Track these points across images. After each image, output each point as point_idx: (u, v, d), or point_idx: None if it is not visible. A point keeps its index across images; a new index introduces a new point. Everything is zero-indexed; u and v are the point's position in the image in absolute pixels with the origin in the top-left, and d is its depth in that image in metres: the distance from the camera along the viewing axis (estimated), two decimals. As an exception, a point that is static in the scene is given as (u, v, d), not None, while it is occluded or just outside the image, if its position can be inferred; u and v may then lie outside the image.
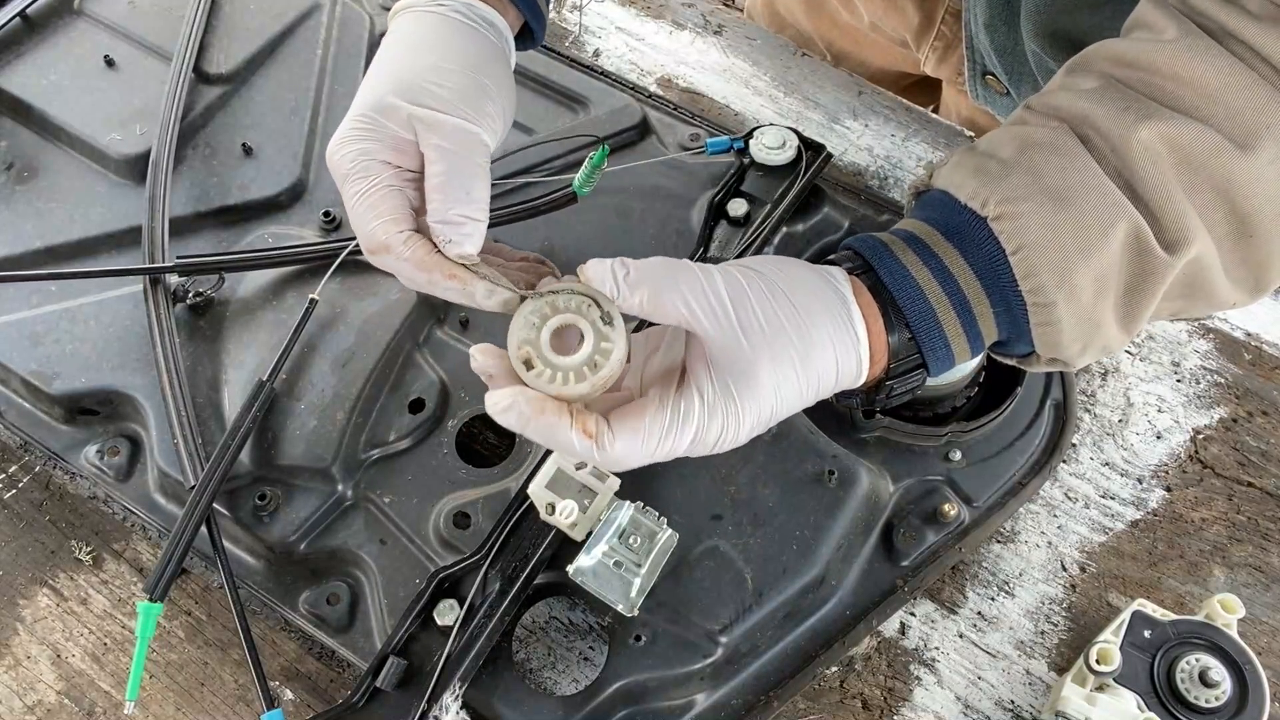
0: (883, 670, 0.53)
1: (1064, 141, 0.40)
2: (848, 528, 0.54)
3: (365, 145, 0.42)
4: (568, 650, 0.53)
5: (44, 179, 0.65)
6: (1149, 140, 0.38)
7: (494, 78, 0.45)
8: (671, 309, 0.39)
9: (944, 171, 0.43)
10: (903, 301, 0.40)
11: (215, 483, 0.51)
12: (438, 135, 0.42)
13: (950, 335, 0.41)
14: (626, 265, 0.40)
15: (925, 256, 0.41)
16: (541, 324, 0.40)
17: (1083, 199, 0.39)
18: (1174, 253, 0.39)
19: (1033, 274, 0.39)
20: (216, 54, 0.69)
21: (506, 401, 0.38)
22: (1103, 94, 0.40)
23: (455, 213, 0.41)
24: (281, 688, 0.53)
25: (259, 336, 0.59)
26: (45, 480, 0.59)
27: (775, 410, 0.40)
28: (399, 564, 0.53)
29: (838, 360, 0.40)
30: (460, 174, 0.42)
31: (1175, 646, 0.49)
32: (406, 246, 0.41)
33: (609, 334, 0.39)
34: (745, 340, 0.38)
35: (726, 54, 0.75)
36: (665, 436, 0.38)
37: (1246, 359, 0.61)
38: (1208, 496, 0.57)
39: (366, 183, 0.42)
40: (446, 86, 0.43)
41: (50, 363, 0.58)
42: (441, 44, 0.45)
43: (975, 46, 0.68)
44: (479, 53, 0.45)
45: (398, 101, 0.42)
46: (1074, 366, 0.43)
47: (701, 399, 0.39)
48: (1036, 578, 0.55)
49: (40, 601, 0.55)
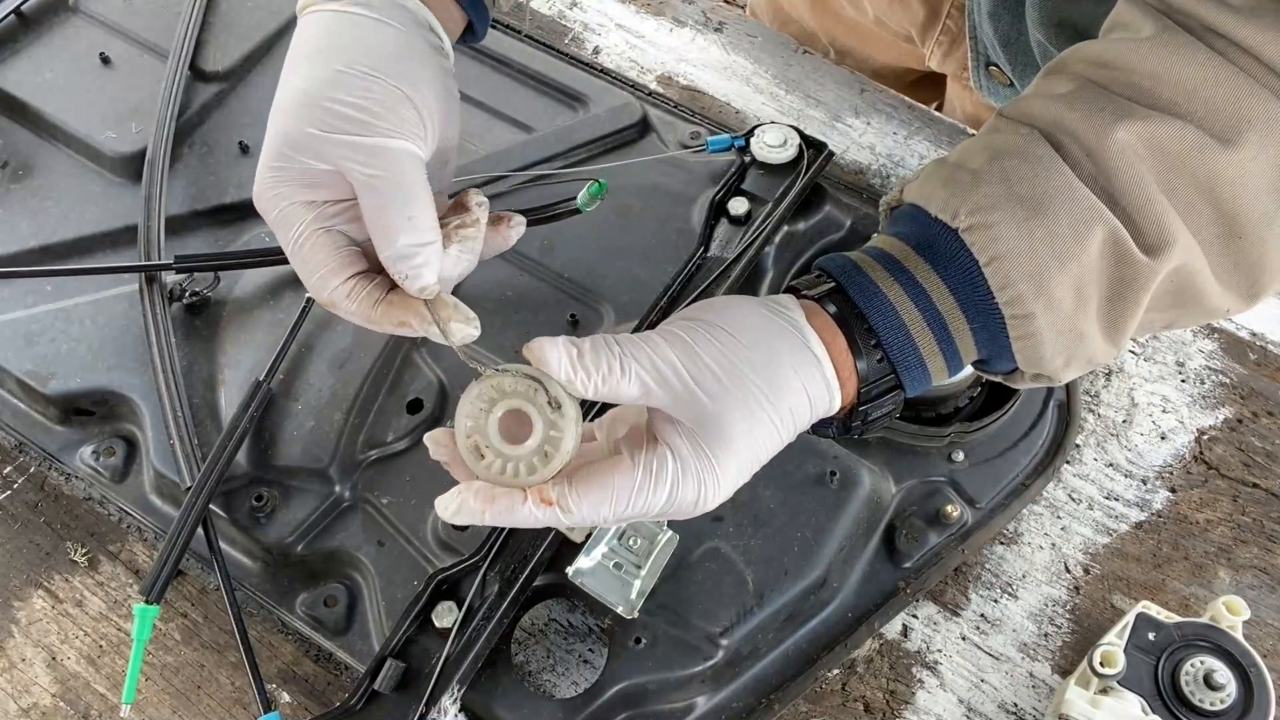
0: (885, 673, 0.52)
1: (1036, 148, 0.39)
2: (849, 529, 0.53)
3: (282, 189, 0.39)
4: (567, 653, 0.53)
5: (39, 177, 0.65)
6: (1126, 141, 0.37)
7: (410, 76, 0.40)
8: (617, 389, 0.37)
9: (914, 185, 0.42)
10: (874, 319, 0.39)
11: (211, 484, 0.51)
12: (357, 163, 0.38)
13: (925, 353, 0.40)
14: (577, 345, 0.37)
15: (896, 272, 0.40)
16: (489, 408, 0.38)
17: (1056, 206, 0.37)
18: (1155, 256, 0.38)
19: (1008, 285, 0.38)
20: (213, 51, 0.69)
21: (454, 505, 0.37)
22: (1077, 97, 0.39)
23: (403, 244, 0.38)
24: (279, 690, 0.52)
25: (256, 336, 0.59)
26: (40, 481, 0.59)
27: (756, 455, 0.38)
28: (397, 565, 0.52)
29: (806, 388, 0.38)
30: (395, 201, 0.38)
31: (1180, 649, 0.49)
32: (350, 300, 0.39)
33: (558, 421, 0.37)
34: (705, 397, 0.37)
35: (727, 51, 0.74)
36: (636, 496, 0.37)
37: (1252, 359, 0.61)
38: (1213, 498, 0.56)
39: (293, 233, 0.39)
40: (353, 101, 0.38)
41: (45, 363, 0.58)
42: (341, 49, 0.40)
43: (979, 37, 0.68)
44: (388, 50, 0.40)
45: (306, 129, 0.38)
46: (1059, 381, 0.41)
47: (674, 456, 0.37)
48: (1040, 579, 0.55)
49: (35, 604, 0.55)
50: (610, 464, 0.38)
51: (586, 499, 0.37)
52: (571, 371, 0.37)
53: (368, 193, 0.39)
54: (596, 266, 0.61)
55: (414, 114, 0.40)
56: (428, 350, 0.59)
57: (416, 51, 0.41)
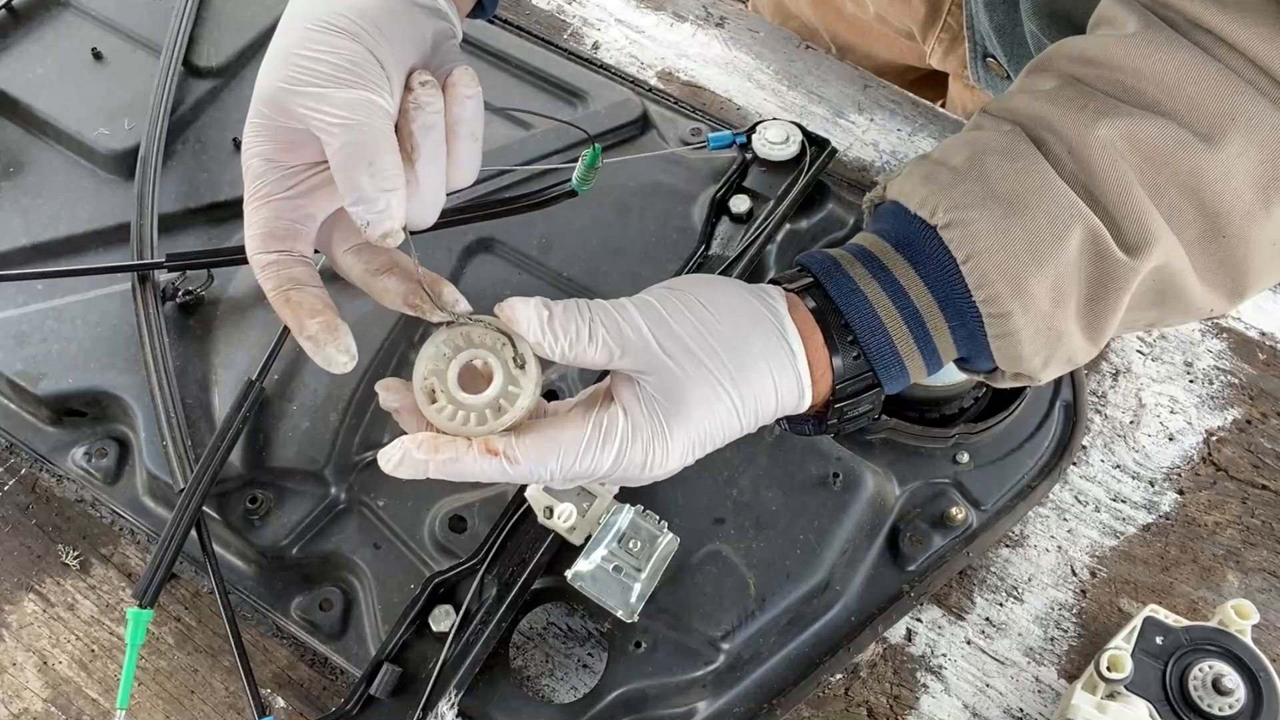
0: (888, 678, 0.52)
1: (1017, 145, 0.38)
2: (853, 532, 0.53)
3: (260, 146, 0.39)
4: (566, 657, 0.52)
5: (30, 175, 0.64)
6: (1108, 138, 0.37)
7: (382, 31, 0.39)
8: (584, 353, 0.37)
9: (896, 182, 0.41)
10: (850, 317, 0.39)
11: (205, 485, 0.50)
12: (320, 113, 0.37)
13: (903, 351, 0.39)
14: (549, 308, 0.37)
15: (875, 270, 0.40)
16: (453, 354, 0.38)
17: (1035, 204, 0.37)
18: (1135, 255, 0.37)
19: (985, 283, 0.37)
20: (207, 47, 0.68)
21: (397, 455, 0.36)
22: (1060, 93, 0.39)
23: (365, 188, 0.37)
24: (273, 695, 0.52)
25: (249, 336, 0.58)
26: (31, 483, 0.58)
27: (708, 433, 0.38)
28: (393, 569, 0.52)
29: (774, 379, 0.38)
30: (360, 146, 0.37)
31: (1188, 653, 0.48)
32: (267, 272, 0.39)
33: (519, 378, 0.38)
34: (670, 361, 0.37)
35: (729, 47, 0.74)
36: (584, 452, 0.37)
37: (1261, 359, 0.60)
38: (1221, 500, 0.56)
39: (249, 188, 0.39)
40: (314, 54, 0.37)
41: (36, 363, 0.57)
42: (313, 9, 0.39)
43: (976, 27, 0.67)
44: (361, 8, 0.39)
45: (277, 84, 0.38)
46: (1039, 380, 0.41)
47: (626, 416, 0.37)
48: (1046, 583, 0.54)
49: (26, 607, 0.54)
50: (560, 419, 0.38)
51: (533, 450, 0.37)
52: (540, 334, 0.37)
53: (329, 142, 0.38)
54: (596, 264, 0.60)
55: (378, 68, 0.39)
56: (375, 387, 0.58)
57: (396, 11, 0.40)
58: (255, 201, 0.40)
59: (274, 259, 0.40)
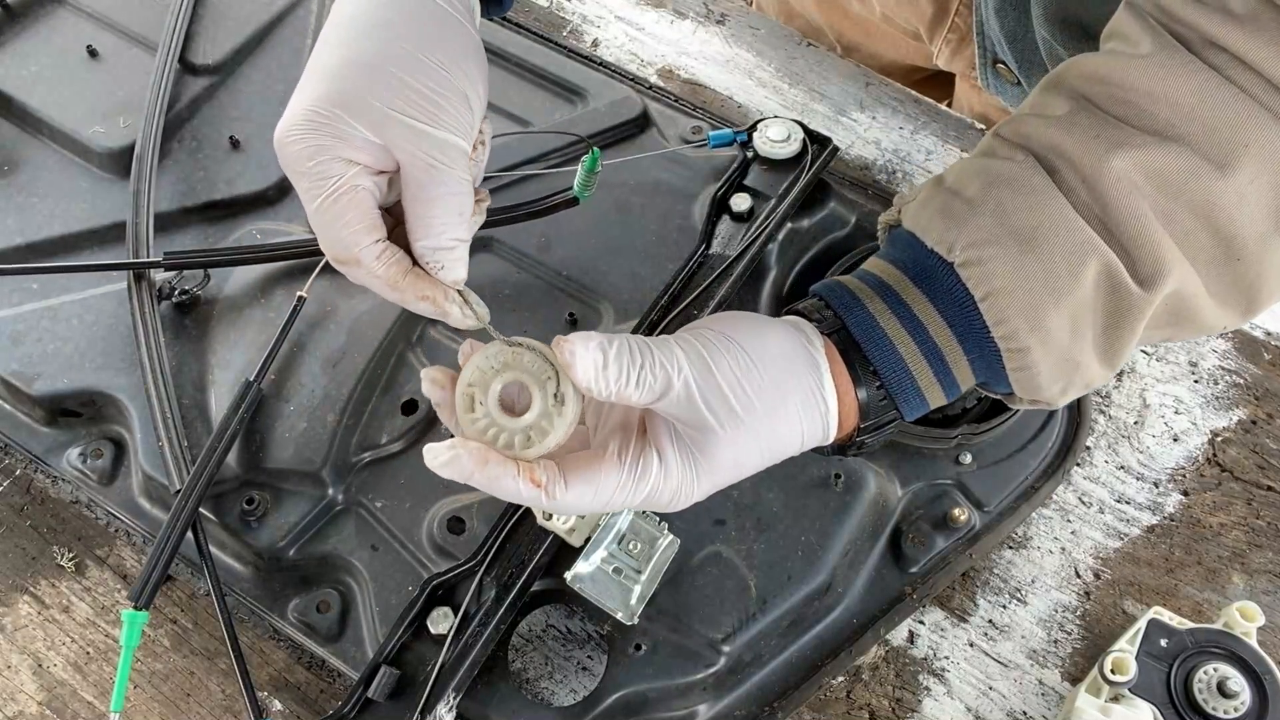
0: (890, 680, 0.51)
1: (1031, 178, 0.39)
2: (854, 533, 0.52)
3: (322, 140, 0.38)
4: (565, 659, 0.52)
5: (24, 173, 0.64)
6: (1122, 169, 0.37)
7: (472, 75, 0.41)
8: (637, 398, 0.37)
9: (911, 210, 0.42)
10: (871, 353, 0.39)
11: (201, 486, 0.50)
12: (420, 150, 0.38)
13: (923, 385, 0.40)
14: (605, 352, 0.37)
15: (894, 304, 0.40)
16: (500, 370, 0.38)
17: (1051, 239, 0.37)
18: (1149, 288, 0.38)
19: (1004, 320, 0.38)
20: (203, 44, 0.68)
21: (446, 455, 0.37)
22: (1073, 121, 0.39)
23: (448, 237, 0.39)
24: (270, 698, 0.51)
25: (246, 335, 0.57)
26: (26, 484, 0.58)
27: (736, 476, 0.39)
28: (391, 570, 0.52)
29: (803, 433, 0.39)
30: (451, 194, 0.39)
31: (1193, 656, 0.48)
32: (380, 262, 0.39)
33: (553, 416, 0.38)
34: (710, 417, 0.37)
35: (729, 44, 0.73)
36: (619, 491, 0.37)
37: (1266, 359, 0.60)
38: (1226, 501, 0.55)
39: (329, 184, 0.38)
40: (426, 90, 0.39)
41: (31, 363, 0.57)
42: (412, 28, 0.40)
43: (986, 33, 0.67)
44: (456, 43, 0.40)
45: (368, 99, 0.38)
46: (1056, 405, 0.41)
47: (661, 462, 0.38)
48: (1049, 585, 0.54)
49: (21, 609, 0.54)
50: (598, 459, 0.38)
51: (572, 490, 0.37)
52: (594, 381, 0.37)
53: (424, 181, 0.39)
54: (596, 264, 0.60)
55: (468, 111, 0.40)
56: (423, 350, 0.58)
57: (474, 46, 0.42)
58: (345, 194, 0.39)
59: (384, 247, 0.40)
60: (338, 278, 0.59)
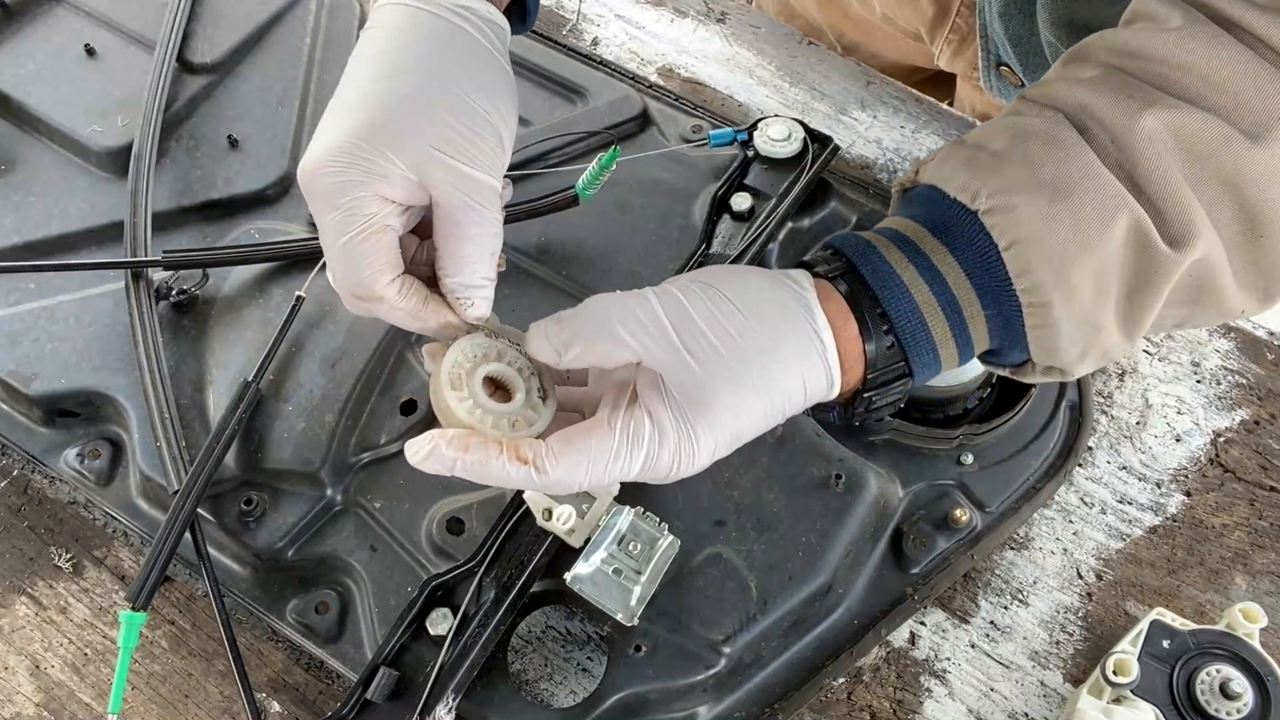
0: (892, 682, 0.51)
1: (1061, 131, 0.38)
2: (855, 534, 0.52)
3: (358, 176, 0.38)
4: (565, 661, 0.51)
5: (21, 172, 0.63)
6: (1153, 129, 0.36)
7: (507, 117, 0.41)
8: (605, 355, 0.37)
9: (931, 166, 0.40)
10: (886, 301, 0.38)
11: (199, 487, 0.50)
12: (459, 190, 0.38)
13: (938, 339, 0.38)
14: (559, 320, 0.38)
15: (911, 254, 0.38)
16: (484, 360, 0.38)
17: (1081, 191, 0.36)
18: (1178, 248, 0.37)
19: (1027, 271, 0.37)
20: (201, 42, 0.67)
21: (425, 448, 0.36)
22: (1103, 82, 0.38)
23: (480, 276, 0.39)
24: (268, 700, 0.51)
25: (245, 335, 0.57)
26: (23, 484, 0.57)
27: (738, 433, 0.37)
28: (390, 571, 0.51)
29: (804, 375, 0.37)
30: (486, 234, 0.39)
31: (1195, 657, 0.48)
32: (401, 296, 0.39)
33: (538, 407, 0.38)
34: (695, 363, 0.36)
35: (730, 43, 0.73)
36: (613, 460, 0.36)
37: (1269, 359, 0.59)
38: (1229, 501, 0.55)
39: (359, 222, 0.38)
40: (466, 130, 0.39)
41: (28, 363, 0.57)
42: (455, 66, 0.40)
43: (989, 36, 0.67)
44: (495, 83, 0.41)
45: (410, 136, 0.38)
46: (1071, 375, 0.40)
47: (652, 422, 0.36)
48: (1051, 586, 0.53)
49: (18, 610, 0.54)
50: (588, 427, 0.37)
51: (563, 461, 0.36)
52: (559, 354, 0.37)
53: (461, 221, 0.39)
54: (596, 263, 0.60)
55: (502, 152, 0.41)
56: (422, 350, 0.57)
57: (509, 83, 0.42)
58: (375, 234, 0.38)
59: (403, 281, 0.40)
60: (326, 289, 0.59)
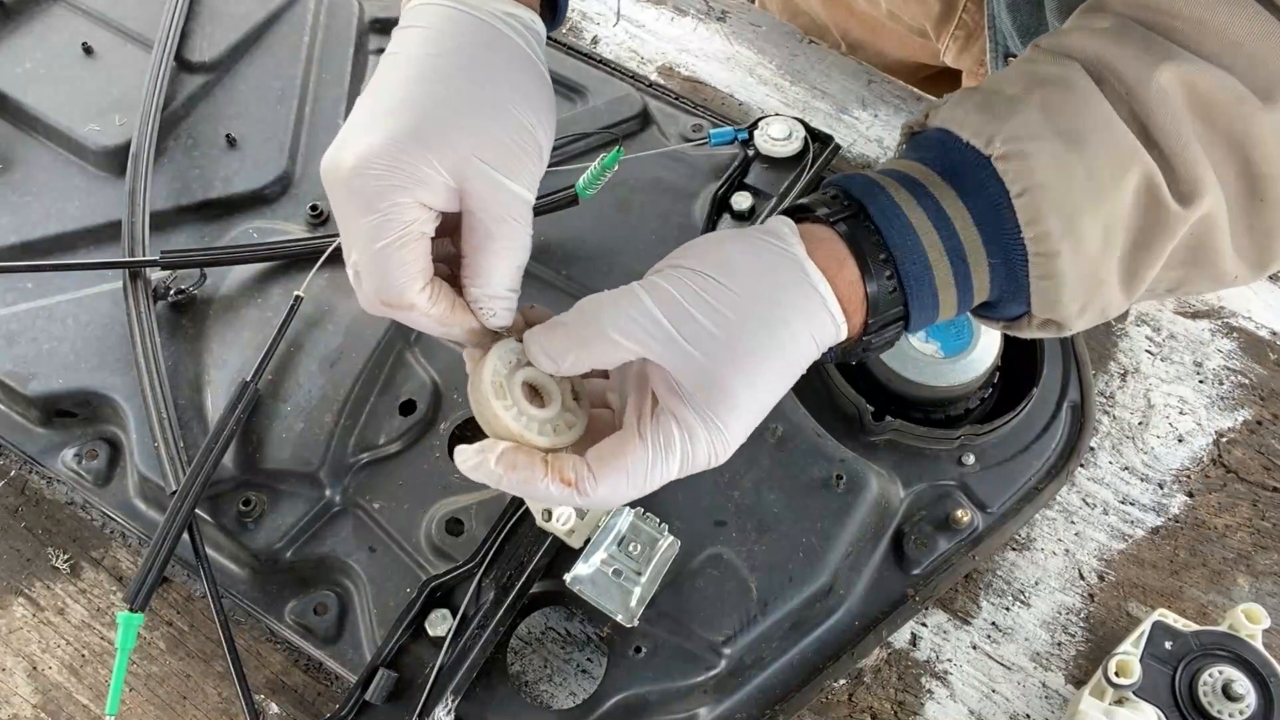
0: (893, 683, 0.51)
1: (1077, 80, 0.37)
2: (856, 534, 0.52)
3: (397, 180, 0.37)
4: (565, 662, 0.51)
5: (19, 171, 0.63)
6: (1168, 83, 0.36)
7: (548, 131, 0.40)
8: (604, 356, 0.36)
9: (944, 110, 0.39)
10: (891, 240, 0.37)
11: (198, 488, 0.49)
12: (496, 201, 0.38)
13: (940, 284, 0.37)
14: (553, 329, 0.37)
15: (920, 196, 0.37)
16: (516, 367, 0.39)
17: (1096, 141, 0.36)
18: (1187, 205, 0.36)
19: (1037, 220, 0.36)
20: (199, 41, 0.67)
21: (474, 459, 0.36)
22: (1120, 33, 0.38)
23: (505, 289, 0.39)
24: (267, 701, 0.51)
25: (243, 335, 0.57)
26: (21, 485, 0.57)
27: (764, 406, 0.37)
28: (389, 572, 0.51)
29: (809, 329, 0.36)
30: (516, 248, 0.39)
31: (1197, 658, 0.47)
32: (432, 303, 0.39)
33: (574, 409, 0.39)
34: (697, 352, 0.35)
35: (730, 41, 0.73)
36: (651, 470, 0.36)
37: (1272, 359, 0.59)
38: (1231, 502, 0.55)
39: (397, 228, 0.37)
40: (509, 142, 0.38)
41: (26, 363, 0.56)
42: (498, 71, 0.39)
43: (998, 27, 0.66)
44: (539, 96, 0.40)
45: (458, 146, 0.37)
46: (1068, 330, 0.39)
47: (679, 424, 0.36)
48: (1053, 587, 0.53)
49: (15, 611, 0.53)
50: (621, 443, 0.37)
51: (604, 482, 0.36)
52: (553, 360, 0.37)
53: (494, 233, 0.39)
54: (596, 263, 0.60)
55: (541, 165, 0.40)
56: (421, 350, 0.57)
57: (550, 96, 0.41)
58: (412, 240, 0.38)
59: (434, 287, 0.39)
60: (336, 277, 0.59)
